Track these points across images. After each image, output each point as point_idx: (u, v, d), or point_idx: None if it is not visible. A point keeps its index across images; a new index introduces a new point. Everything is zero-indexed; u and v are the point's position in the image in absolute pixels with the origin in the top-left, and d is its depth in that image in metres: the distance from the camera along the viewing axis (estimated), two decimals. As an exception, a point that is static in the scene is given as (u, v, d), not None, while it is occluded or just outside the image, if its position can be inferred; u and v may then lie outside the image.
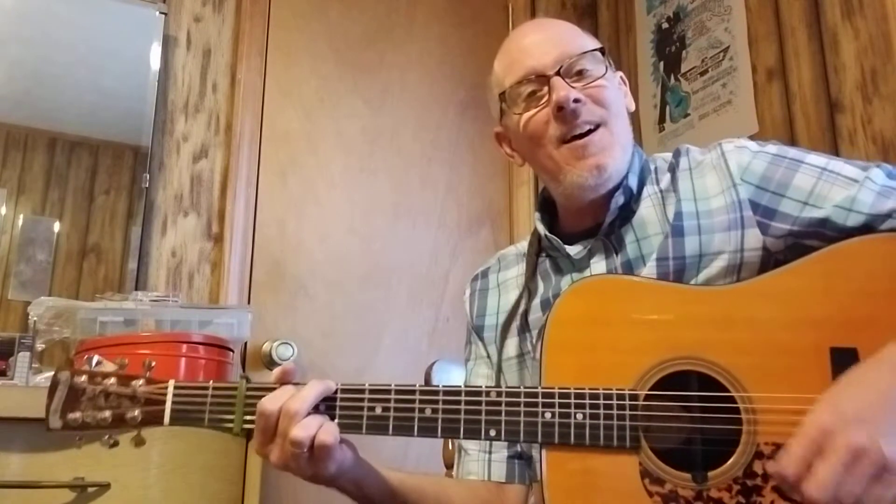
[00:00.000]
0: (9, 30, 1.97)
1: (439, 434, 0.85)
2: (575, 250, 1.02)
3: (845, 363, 0.78)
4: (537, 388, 0.84)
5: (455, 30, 2.51)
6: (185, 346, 1.55)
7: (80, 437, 0.89)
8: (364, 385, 0.87)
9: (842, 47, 1.79)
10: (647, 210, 1.01)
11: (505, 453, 1.07)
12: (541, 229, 1.08)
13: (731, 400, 0.80)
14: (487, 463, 1.07)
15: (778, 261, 0.91)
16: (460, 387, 0.86)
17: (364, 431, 0.86)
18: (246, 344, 2.00)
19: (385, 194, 2.30)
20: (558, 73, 0.98)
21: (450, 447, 1.35)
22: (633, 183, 1.01)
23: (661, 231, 0.98)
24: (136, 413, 0.87)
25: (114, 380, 0.89)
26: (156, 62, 2.06)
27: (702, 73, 2.21)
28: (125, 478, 1.32)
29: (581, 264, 1.03)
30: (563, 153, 0.98)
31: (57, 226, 1.94)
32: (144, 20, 2.07)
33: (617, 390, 0.82)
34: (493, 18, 2.56)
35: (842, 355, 0.80)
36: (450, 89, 2.45)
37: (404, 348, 2.19)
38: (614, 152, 0.99)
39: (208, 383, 0.89)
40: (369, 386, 0.86)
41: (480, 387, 0.86)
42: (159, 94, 2.06)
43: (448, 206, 2.38)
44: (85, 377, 0.89)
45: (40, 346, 1.61)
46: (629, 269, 0.98)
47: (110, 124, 2.04)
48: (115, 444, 0.89)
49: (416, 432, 0.84)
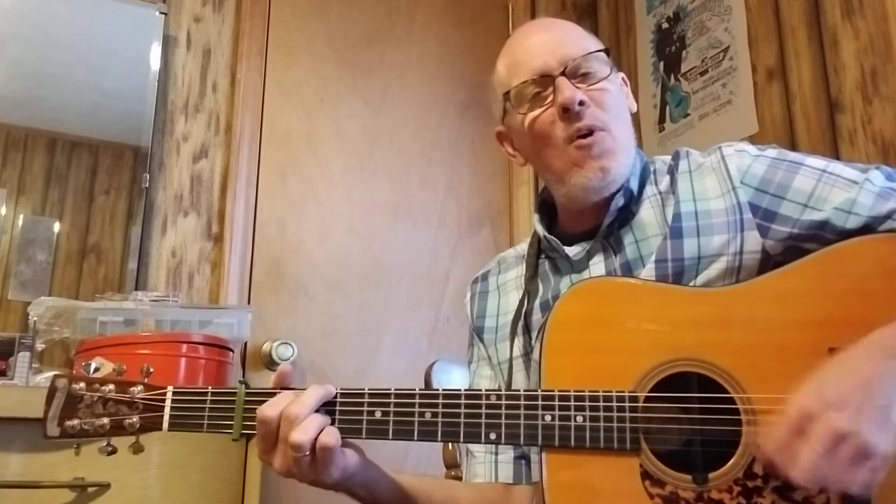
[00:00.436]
0: (9, 30, 1.97)
1: (439, 438, 0.85)
2: (574, 251, 1.02)
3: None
4: (537, 391, 0.84)
5: (455, 30, 2.51)
6: (185, 346, 1.56)
7: (78, 445, 0.88)
8: (364, 389, 0.86)
9: (842, 47, 1.79)
10: (647, 212, 1.01)
11: (511, 454, 1.07)
12: (540, 230, 1.08)
13: (731, 401, 0.81)
14: (494, 465, 1.06)
15: (777, 263, 0.90)
16: (460, 390, 0.86)
17: (364, 436, 0.85)
18: (246, 344, 2.00)
19: (385, 194, 2.30)
20: (563, 74, 0.98)
21: (450, 447, 1.36)
22: (634, 185, 1.01)
23: (660, 233, 0.98)
24: (135, 420, 0.87)
25: (112, 386, 0.88)
26: (156, 62, 2.06)
27: (702, 73, 2.21)
28: (125, 478, 1.32)
29: (580, 265, 1.03)
30: (571, 153, 0.98)
31: (57, 226, 1.94)
32: (144, 20, 2.07)
33: (617, 392, 0.82)
34: (493, 18, 2.55)
35: (840, 356, 0.80)
36: (450, 89, 2.45)
37: (404, 348, 2.19)
38: (618, 156, 0.99)
39: (207, 389, 0.89)
40: (369, 390, 0.86)
41: (480, 390, 0.86)
42: (159, 94, 2.06)
43: (448, 206, 2.38)
44: (83, 384, 0.88)
45: (40, 346, 1.61)
46: (628, 270, 0.98)
47: (110, 124, 2.04)
48: (114, 451, 0.88)
49: (416, 436, 0.84)
